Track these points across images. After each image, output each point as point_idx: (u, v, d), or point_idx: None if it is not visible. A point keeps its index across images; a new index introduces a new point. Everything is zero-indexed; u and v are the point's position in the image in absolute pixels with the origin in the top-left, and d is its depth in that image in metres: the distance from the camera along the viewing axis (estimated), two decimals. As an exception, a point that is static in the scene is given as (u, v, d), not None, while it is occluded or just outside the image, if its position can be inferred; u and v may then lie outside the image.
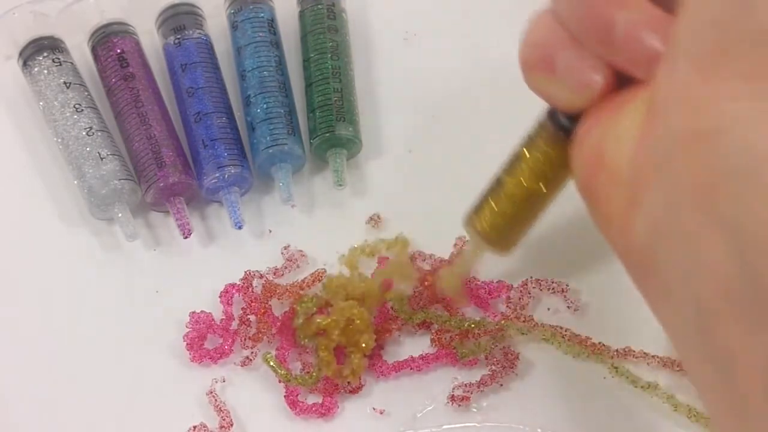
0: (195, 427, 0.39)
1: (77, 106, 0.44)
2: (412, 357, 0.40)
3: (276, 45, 0.46)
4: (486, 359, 0.40)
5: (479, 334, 0.40)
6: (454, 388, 0.40)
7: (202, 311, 0.41)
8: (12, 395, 0.41)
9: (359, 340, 0.39)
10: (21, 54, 0.46)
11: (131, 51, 0.46)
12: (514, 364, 0.40)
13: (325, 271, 0.42)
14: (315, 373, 0.39)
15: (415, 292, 0.41)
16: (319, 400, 0.40)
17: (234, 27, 0.47)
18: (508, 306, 0.41)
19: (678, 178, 0.25)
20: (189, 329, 0.41)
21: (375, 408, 0.40)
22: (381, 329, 0.41)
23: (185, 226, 0.43)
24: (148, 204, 0.44)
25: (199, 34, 0.46)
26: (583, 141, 0.30)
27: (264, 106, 0.44)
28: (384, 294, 0.41)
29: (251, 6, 0.46)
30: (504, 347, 0.40)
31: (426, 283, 0.41)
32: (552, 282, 0.41)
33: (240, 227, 0.43)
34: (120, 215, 0.43)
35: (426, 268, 0.42)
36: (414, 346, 0.41)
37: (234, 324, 0.41)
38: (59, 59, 0.45)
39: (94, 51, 0.46)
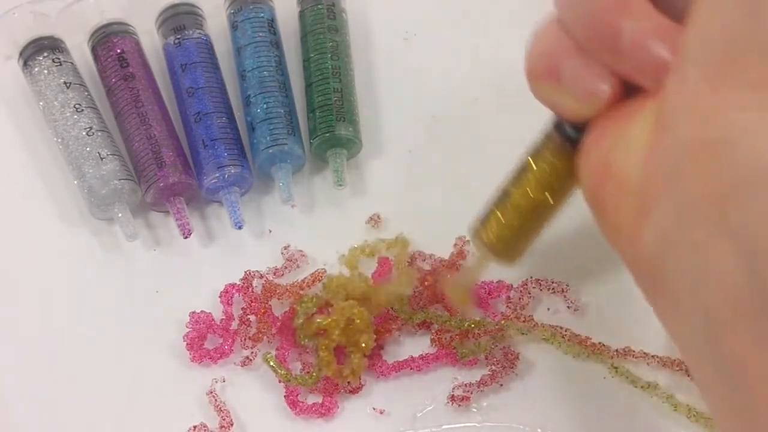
0: (195, 427, 0.39)
1: (77, 106, 0.44)
2: (412, 357, 0.40)
3: (276, 45, 0.46)
4: (486, 359, 0.40)
5: (479, 334, 0.40)
6: (454, 388, 0.40)
7: (202, 311, 0.41)
8: (12, 395, 0.41)
9: (359, 340, 0.39)
10: (21, 54, 0.46)
11: (131, 51, 0.46)
12: (514, 364, 0.40)
13: (325, 271, 0.42)
14: (315, 373, 0.39)
15: (415, 292, 0.41)
16: (319, 400, 0.40)
17: (234, 27, 0.47)
18: (508, 306, 0.41)
19: (687, 187, 0.25)
20: (189, 329, 0.41)
21: (375, 408, 0.40)
22: (381, 329, 0.41)
23: (185, 226, 0.43)
24: (148, 204, 0.44)
25: (199, 34, 0.46)
26: (591, 150, 0.29)
27: (264, 106, 0.44)
28: (386, 302, 0.41)
29: (251, 6, 0.46)
30: (504, 347, 0.40)
31: (426, 283, 0.41)
32: (552, 282, 0.41)
33: (240, 227, 0.43)
34: (120, 215, 0.43)
35: (426, 268, 0.42)
36: (414, 346, 0.41)
37: (234, 324, 0.41)
38: (59, 59, 0.45)
39: (94, 51, 0.46)
